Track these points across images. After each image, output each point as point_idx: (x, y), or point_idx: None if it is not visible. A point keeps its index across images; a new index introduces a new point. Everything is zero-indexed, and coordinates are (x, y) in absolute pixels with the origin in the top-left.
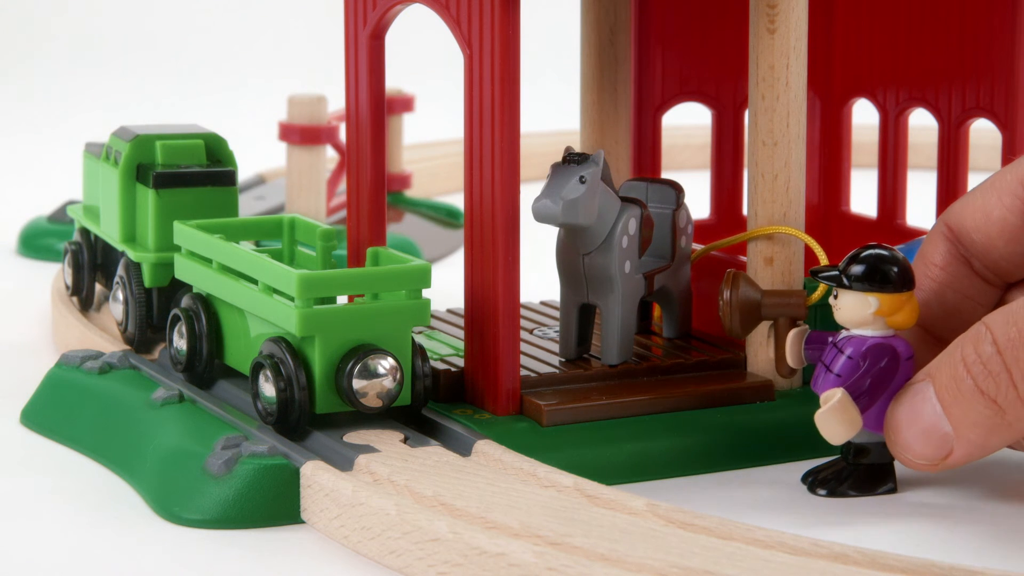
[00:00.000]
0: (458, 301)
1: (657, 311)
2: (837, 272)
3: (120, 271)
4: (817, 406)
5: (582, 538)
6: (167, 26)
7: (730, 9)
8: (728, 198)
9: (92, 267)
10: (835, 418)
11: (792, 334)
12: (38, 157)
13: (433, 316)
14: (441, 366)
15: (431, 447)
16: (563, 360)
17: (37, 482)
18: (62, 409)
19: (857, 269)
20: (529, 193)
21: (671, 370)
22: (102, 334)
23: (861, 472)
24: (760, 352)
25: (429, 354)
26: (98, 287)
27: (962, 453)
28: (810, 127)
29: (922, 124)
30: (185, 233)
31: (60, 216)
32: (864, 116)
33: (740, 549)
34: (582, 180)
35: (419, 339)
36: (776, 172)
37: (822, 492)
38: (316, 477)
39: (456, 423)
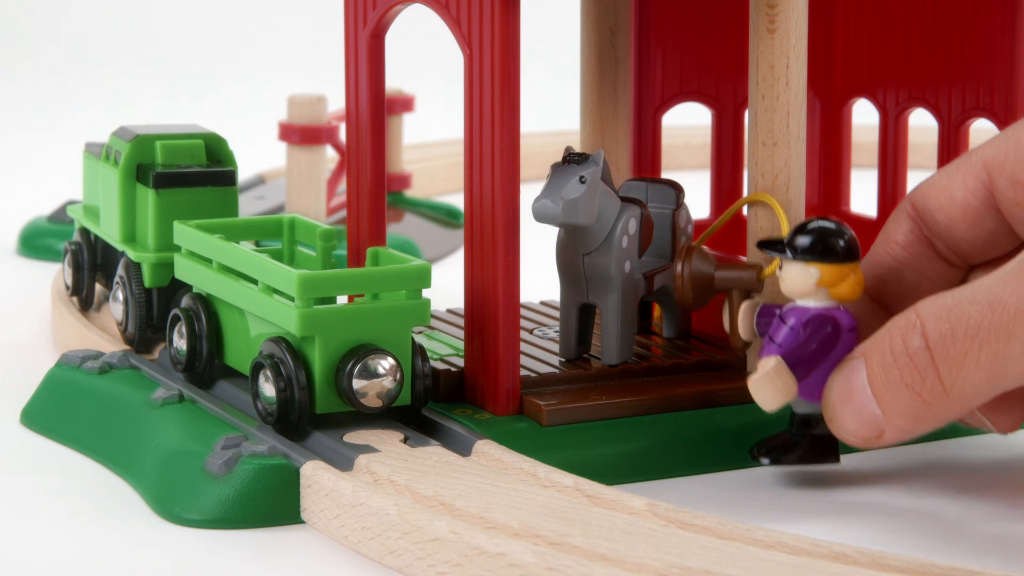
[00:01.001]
0: (458, 301)
1: (657, 311)
2: (781, 243)
3: (120, 271)
4: None
5: (582, 538)
6: (167, 26)
7: (730, 9)
8: (728, 198)
9: (92, 267)
10: (769, 385)
11: (744, 306)
12: (38, 157)
13: (433, 316)
14: (441, 366)
15: (431, 447)
16: (563, 360)
17: (37, 482)
18: (62, 409)
19: (800, 240)
20: (529, 193)
21: (671, 370)
22: (102, 334)
23: (807, 443)
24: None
25: (429, 354)
26: (98, 287)
27: (892, 437)
28: (810, 127)
29: (922, 124)
30: (185, 233)
31: (60, 216)
32: (864, 116)
33: (740, 549)
34: (582, 180)
35: (419, 339)
36: (776, 172)
37: (765, 461)
38: (316, 477)
39: (456, 423)
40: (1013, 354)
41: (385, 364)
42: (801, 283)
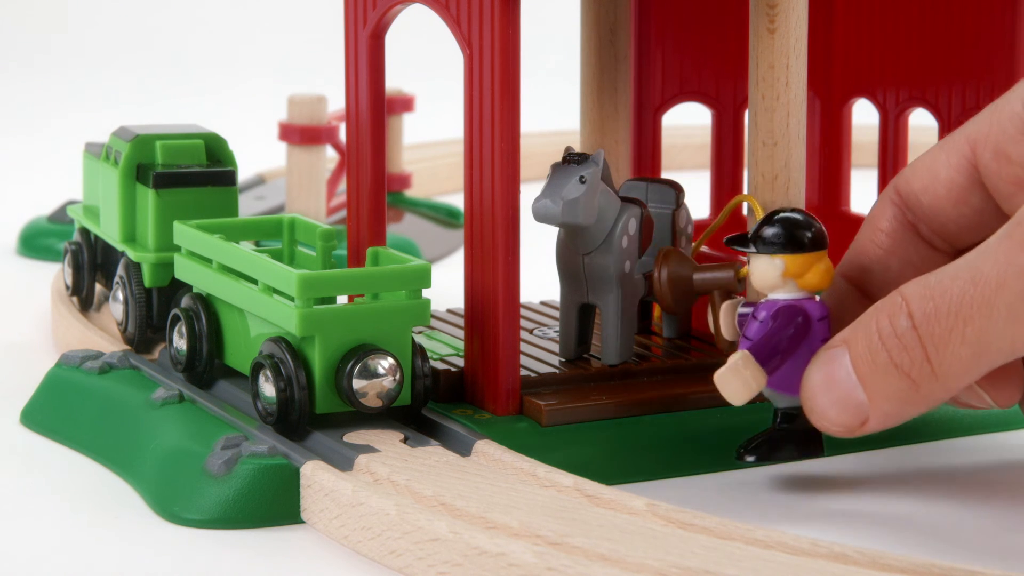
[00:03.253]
0: (458, 301)
1: (657, 311)
2: (745, 237)
3: (120, 271)
4: None
5: (582, 538)
6: (167, 26)
7: (730, 9)
8: (728, 198)
9: (92, 267)
10: (736, 378)
11: (725, 306)
12: (38, 157)
13: (433, 316)
14: (441, 366)
15: (431, 447)
16: (563, 360)
17: (37, 482)
18: (62, 409)
19: (763, 232)
20: (529, 193)
21: (671, 370)
22: (102, 334)
23: (791, 438)
24: None
25: (429, 354)
26: (98, 287)
27: (876, 423)
28: (810, 127)
29: (922, 124)
30: (185, 233)
31: (60, 216)
32: (864, 116)
33: (740, 549)
34: (582, 180)
35: (419, 339)
36: (776, 172)
37: (750, 459)
38: (316, 477)
39: (456, 423)
40: (997, 328)
41: (385, 364)
42: (768, 276)
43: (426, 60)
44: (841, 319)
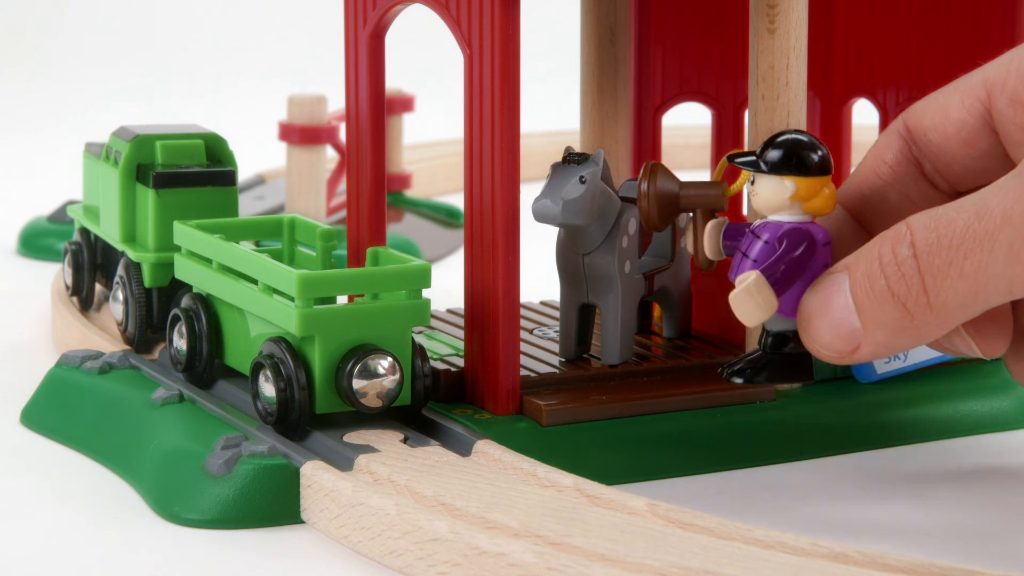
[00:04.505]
0: (458, 301)
1: (657, 311)
2: (754, 157)
3: (120, 271)
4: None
5: (582, 538)
6: (167, 26)
7: (730, 9)
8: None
9: (92, 267)
10: (750, 300)
11: (710, 225)
12: (38, 157)
13: (433, 316)
14: (441, 366)
15: (431, 447)
16: (563, 360)
17: (37, 482)
18: (62, 409)
19: (774, 153)
20: (529, 193)
21: (671, 370)
22: (102, 334)
23: (779, 361)
24: None
25: (429, 354)
26: (98, 287)
27: (868, 351)
28: (810, 127)
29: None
30: (185, 233)
31: (60, 216)
32: (864, 116)
33: (740, 549)
34: (582, 180)
35: (419, 339)
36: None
37: (738, 380)
38: (316, 477)
39: (456, 423)
40: (996, 264)
41: (385, 364)
42: (775, 197)
43: (426, 60)
44: (835, 246)
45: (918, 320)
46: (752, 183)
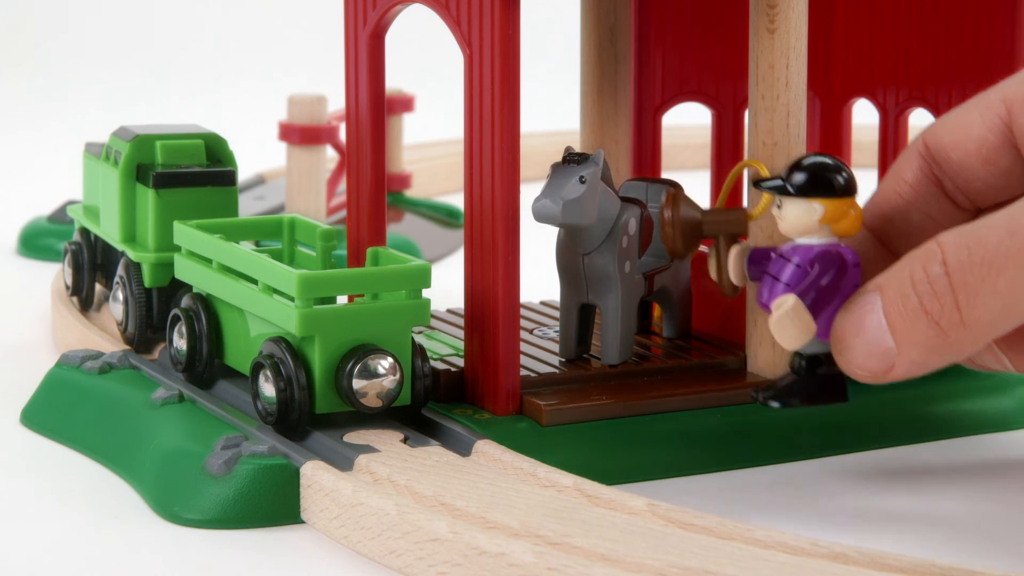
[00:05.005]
0: (458, 301)
1: (657, 311)
2: (780, 181)
3: (120, 271)
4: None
5: (582, 538)
6: (167, 26)
7: (730, 9)
8: (728, 198)
9: (92, 267)
10: (791, 324)
11: (734, 251)
12: (38, 157)
13: (433, 316)
14: (441, 366)
15: (431, 447)
16: (563, 360)
17: (37, 482)
18: (62, 409)
19: (800, 177)
20: (529, 193)
21: (671, 370)
22: (102, 334)
23: (813, 384)
24: (760, 352)
25: (429, 354)
26: (98, 287)
27: (903, 370)
28: (810, 127)
29: (922, 124)
30: (185, 233)
31: (60, 216)
32: (864, 116)
33: (740, 549)
34: (582, 180)
35: (419, 339)
36: (776, 172)
37: (775, 404)
38: (316, 477)
39: (456, 423)
40: None
41: (385, 364)
42: (804, 220)
43: (426, 60)
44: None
45: (952, 338)
46: (779, 207)
